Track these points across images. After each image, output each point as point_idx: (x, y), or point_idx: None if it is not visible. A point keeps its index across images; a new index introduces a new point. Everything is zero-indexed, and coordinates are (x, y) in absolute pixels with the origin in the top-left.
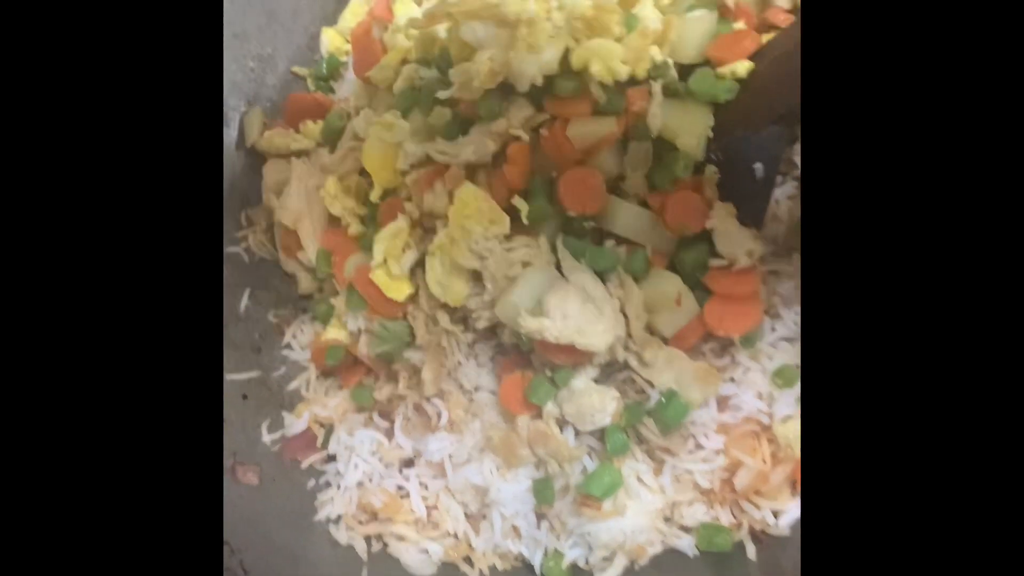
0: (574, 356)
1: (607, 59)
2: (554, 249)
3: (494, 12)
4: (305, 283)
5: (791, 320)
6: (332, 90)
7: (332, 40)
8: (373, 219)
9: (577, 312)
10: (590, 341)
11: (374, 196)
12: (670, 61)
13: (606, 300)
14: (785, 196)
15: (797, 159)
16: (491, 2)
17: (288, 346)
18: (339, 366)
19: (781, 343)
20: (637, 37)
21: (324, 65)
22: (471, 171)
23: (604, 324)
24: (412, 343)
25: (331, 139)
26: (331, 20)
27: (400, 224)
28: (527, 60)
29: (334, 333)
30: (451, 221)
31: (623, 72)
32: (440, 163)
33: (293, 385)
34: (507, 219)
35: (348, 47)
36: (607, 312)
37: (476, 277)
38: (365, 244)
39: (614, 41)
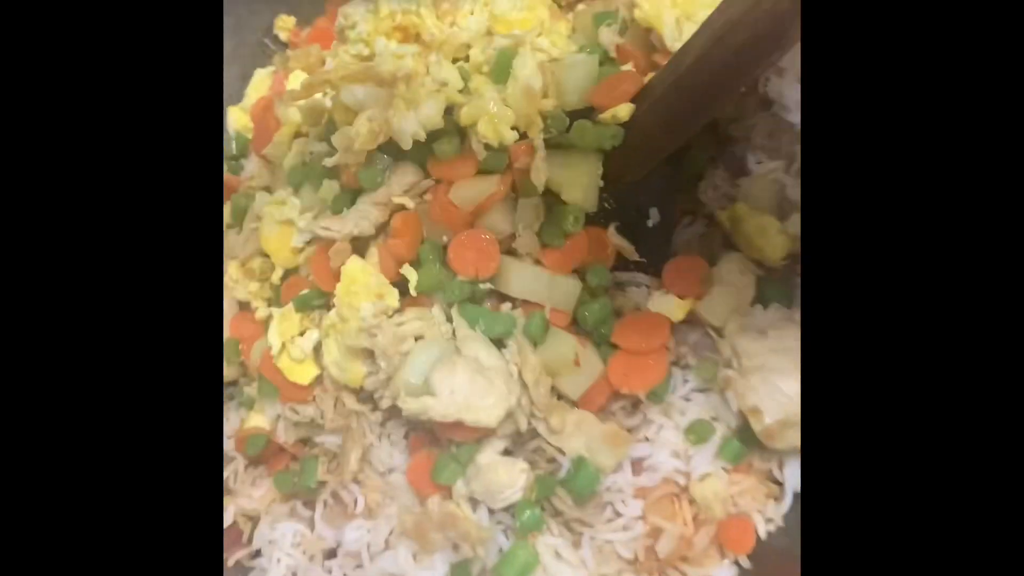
0: (473, 431)
1: (496, 123)
2: (450, 318)
3: (370, 73)
4: (227, 370)
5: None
6: (242, 168)
7: (238, 119)
8: (278, 301)
9: (465, 386)
10: (479, 417)
11: (275, 277)
12: (561, 112)
13: (499, 370)
14: (696, 236)
15: (703, 196)
16: (367, 63)
17: None
18: (264, 454)
19: (694, 395)
20: (523, 100)
21: (232, 144)
22: (361, 244)
23: (494, 396)
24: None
25: (239, 220)
26: (236, 98)
27: (289, 308)
28: (406, 117)
29: (255, 420)
30: (338, 299)
31: (510, 138)
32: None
33: None
34: (395, 292)
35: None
36: (498, 383)
37: (373, 355)
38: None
39: (503, 103)
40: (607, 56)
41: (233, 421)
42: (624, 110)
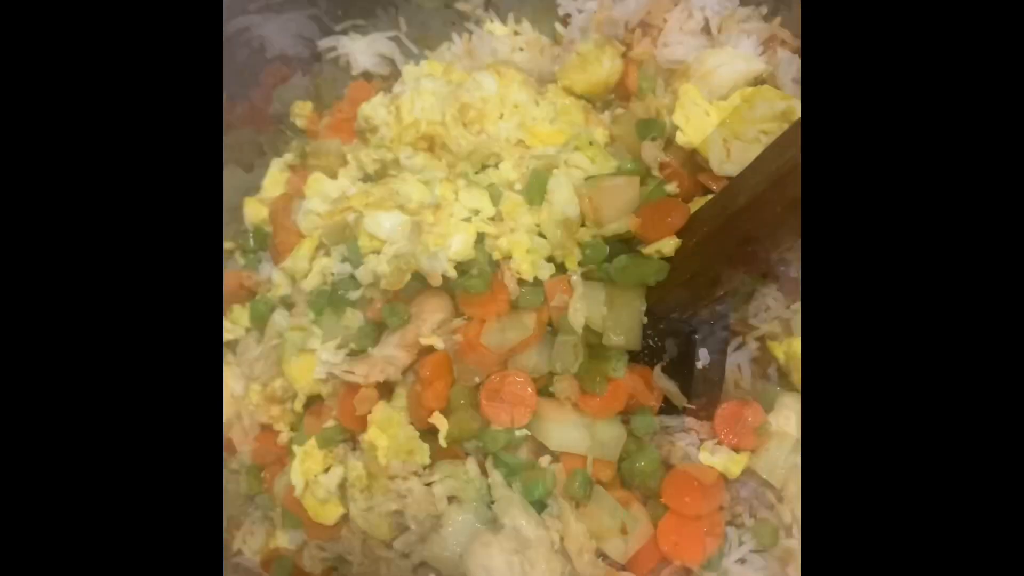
0: None
1: (531, 255)
2: (485, 471)
3: (396, 201)
4: (245, 485)
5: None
6: (260, 261)
7: (255, 211)
8: (301, 426)
9: (503, 570)
10: None
11: (297, 405)
12: (600, 241)
13: (540, 543)
14: (748, 360)
15: (753, 320)
16: (391, 190)
17: (240, 552)
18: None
19: (752, 556)
20: (559, 229)
21: (250, 238)
22: (388, 385)
23: None
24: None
25: (258, 326)
26: (253, 189)
27: (312, 444)
28: (435, 256)
29: (281, 540)
30: (366, 451)
31: (546, 272)
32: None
33: None
34: (426, 448)
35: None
36: (539, 565)
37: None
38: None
39: (538, 234)
40: (648, 173)
41: (258, 535)
42: (669, 245)
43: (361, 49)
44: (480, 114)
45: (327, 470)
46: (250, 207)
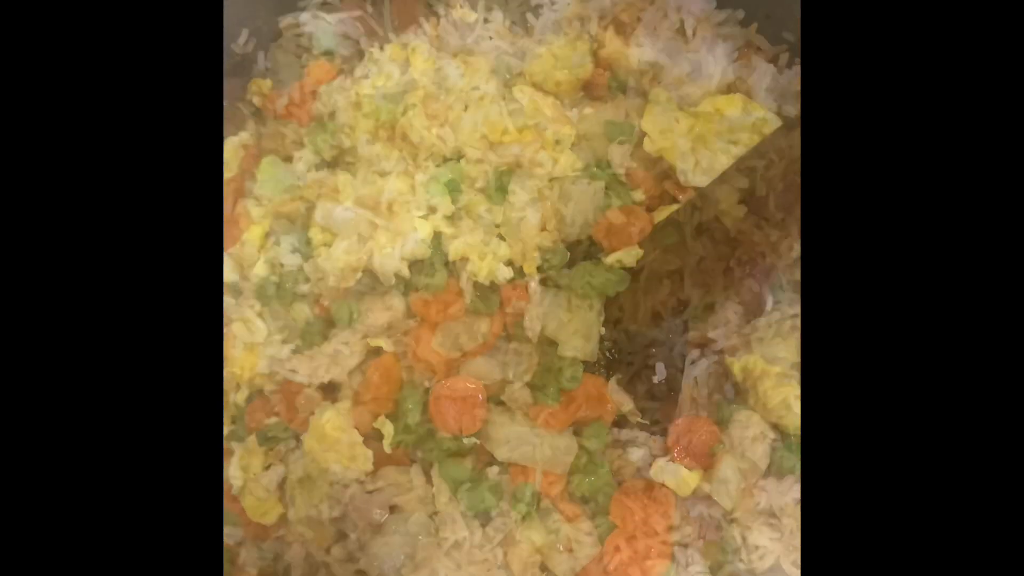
0: None
1: (488, 258)
2: (430, 480)
3: (351, 193)
4: None
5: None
6: None
7: None
8: (242, 421)
9: None
10: None
11: (240, 398)
12: (561, 246)
13: (482, 559)
14: (706, 373)
15: (712, 333)
16: (346, 181)
17: None
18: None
19: None
20: (520, 232)
21: None
22: (333, 385)
23: None
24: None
25: None
26: None
27: (252, 440)
28: (388, 254)
29: None
30: (306, 453)
31: (504, 275)
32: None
33: None
34: (369, 455)
35: None
36: None
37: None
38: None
39: (497, 236)
40: (615, 178)
41: None
42: (631, 256)
43: (324, 28)
44: (444, 105)
45: (267, 468)
46: None
